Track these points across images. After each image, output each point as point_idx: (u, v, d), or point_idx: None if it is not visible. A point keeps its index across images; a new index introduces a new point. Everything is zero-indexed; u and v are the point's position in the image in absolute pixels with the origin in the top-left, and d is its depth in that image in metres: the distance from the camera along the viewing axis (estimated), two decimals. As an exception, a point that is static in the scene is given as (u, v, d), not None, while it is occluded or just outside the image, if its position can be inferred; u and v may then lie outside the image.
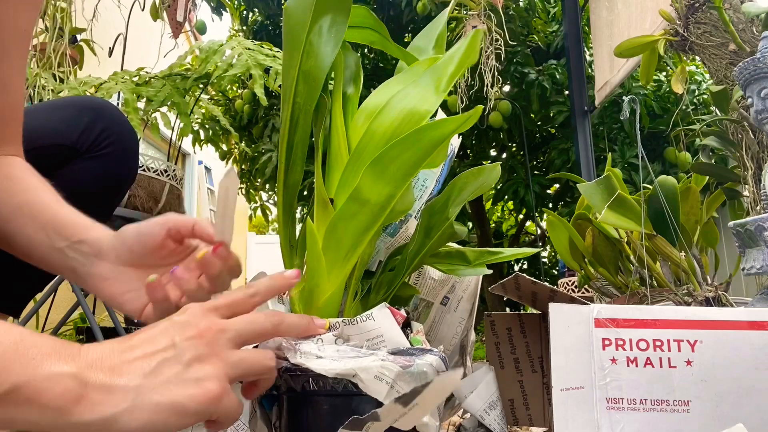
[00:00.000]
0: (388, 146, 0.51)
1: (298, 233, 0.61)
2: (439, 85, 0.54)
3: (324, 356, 0.48)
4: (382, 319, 0.52)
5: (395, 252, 0.72)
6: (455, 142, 0.82)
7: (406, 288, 0.75)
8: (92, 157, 0.73)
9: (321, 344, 0.50)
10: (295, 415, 0.51)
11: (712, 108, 1.93)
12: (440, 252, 0.69)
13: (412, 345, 0.52)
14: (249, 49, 1.97)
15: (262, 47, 2.04)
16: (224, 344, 0.41)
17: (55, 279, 2.03)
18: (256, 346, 0.50)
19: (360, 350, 0.49)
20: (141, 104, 1.93)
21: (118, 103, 2.25)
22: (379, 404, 0.45)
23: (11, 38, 0.56)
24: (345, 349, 0.49)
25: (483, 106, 0.54)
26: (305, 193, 3.73)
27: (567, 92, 3.50)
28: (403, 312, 0.56)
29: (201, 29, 2.87)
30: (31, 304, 2.11)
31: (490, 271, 0.73)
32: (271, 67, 1.93)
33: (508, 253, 0.72)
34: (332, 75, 0.62)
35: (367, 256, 0.64)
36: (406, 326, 0.58)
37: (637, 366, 0.50)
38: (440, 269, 0.71)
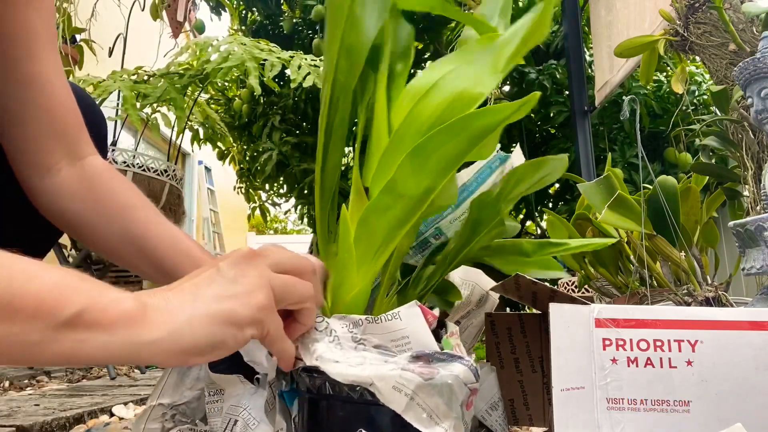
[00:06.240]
0: (431, 134, 0.46)
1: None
2: (497, 64, 0.47)
3: (340, 360, 0.45)
4: (409, 318, 0.47)
5: (437, 248, 0.68)
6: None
7: (455, 294, 0.71)
8: None
9: (338, 342, 0.47)
10: (313, 415, 0.48)
11: (712, 108, 1.93)
12: (491, 245, 0.63)
13: (442, 348, 0.48)
14: (244, 44, 1.98)
15: (258, 43, 2.05)
16: (264, 264, 0.43)
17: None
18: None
19: (383, 353, 0.46)
20: (140, 103, 1.93)
21: (117, 102, 2.25)
22: (397, 416, 0.42)
23: (28, 39, 0.58)
24: (366, 353, 0.46)
25: (540, 92, 0.50)
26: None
27: (567, 92, 3.50)
28: (436, 312, 0.51)
29: (200, 29, 2.87)
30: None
31: (563, 274, 0.66)
32: (266, 60, 1.93)
33: (574, 244, 0.65)
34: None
35: (406, 248, 0.60)
36: (441, 326, 0.54)
37: (637, 366, 0.50)
38: (495, 265, 0.65)
